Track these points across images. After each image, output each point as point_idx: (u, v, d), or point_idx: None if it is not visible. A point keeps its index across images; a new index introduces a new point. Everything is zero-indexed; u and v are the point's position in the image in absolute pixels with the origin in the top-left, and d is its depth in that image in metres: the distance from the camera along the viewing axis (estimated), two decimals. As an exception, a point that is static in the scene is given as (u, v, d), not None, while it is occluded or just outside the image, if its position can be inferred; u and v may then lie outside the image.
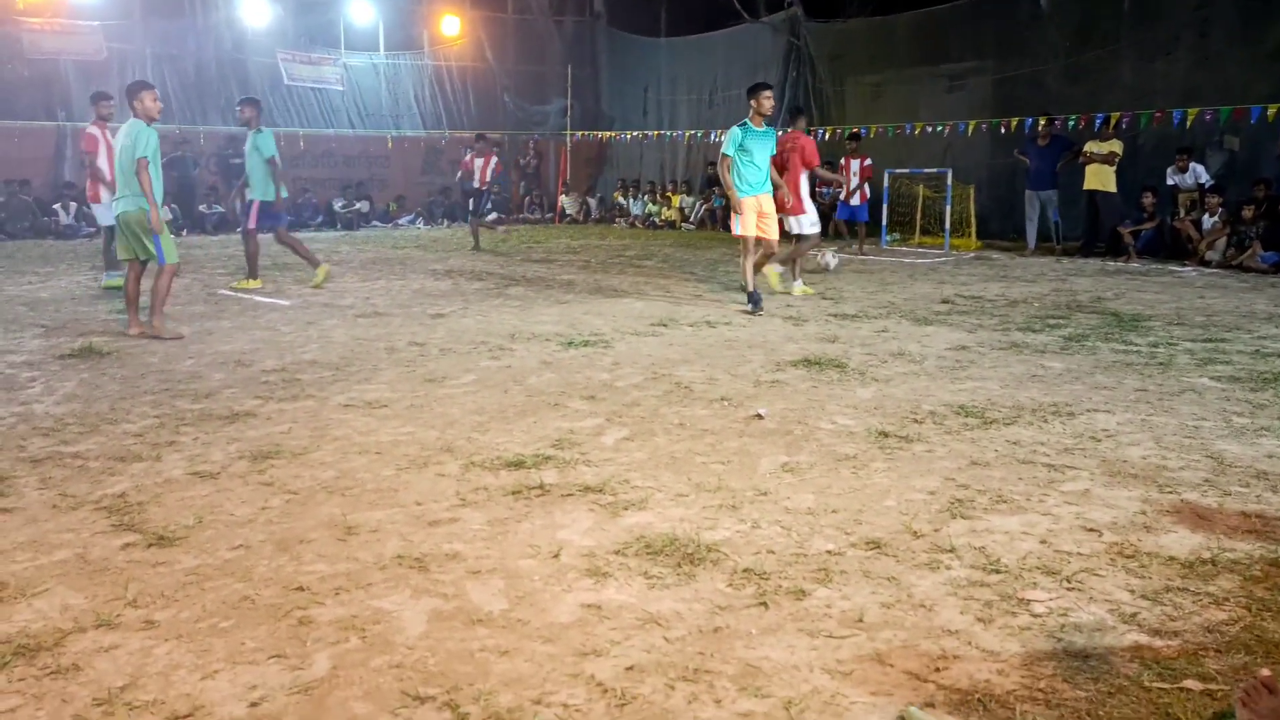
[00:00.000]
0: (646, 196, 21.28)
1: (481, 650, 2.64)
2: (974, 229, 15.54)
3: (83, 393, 5.56)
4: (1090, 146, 13.59)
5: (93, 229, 16.82)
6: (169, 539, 3.39)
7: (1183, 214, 13.15)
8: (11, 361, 6.43)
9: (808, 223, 9.98)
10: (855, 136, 15.91)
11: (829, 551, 3.30)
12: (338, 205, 19.88)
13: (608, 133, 23.77)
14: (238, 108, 10.34)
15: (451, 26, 22.23)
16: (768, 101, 8.57)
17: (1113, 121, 13.68)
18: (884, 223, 15.95)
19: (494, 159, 15.34)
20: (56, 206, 17.08)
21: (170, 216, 17.54)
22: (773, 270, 9.97)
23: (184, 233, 17.53)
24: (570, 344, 7.08)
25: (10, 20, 17.27)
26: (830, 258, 11.93)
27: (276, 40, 20.04)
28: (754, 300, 8.57)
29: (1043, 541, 3.38)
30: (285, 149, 19.58)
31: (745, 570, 3.13)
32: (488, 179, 15.10)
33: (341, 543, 3.38)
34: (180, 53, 19.17)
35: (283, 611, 2.85)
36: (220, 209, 18.60)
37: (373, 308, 8.90)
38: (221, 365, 6.35)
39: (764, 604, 2.90)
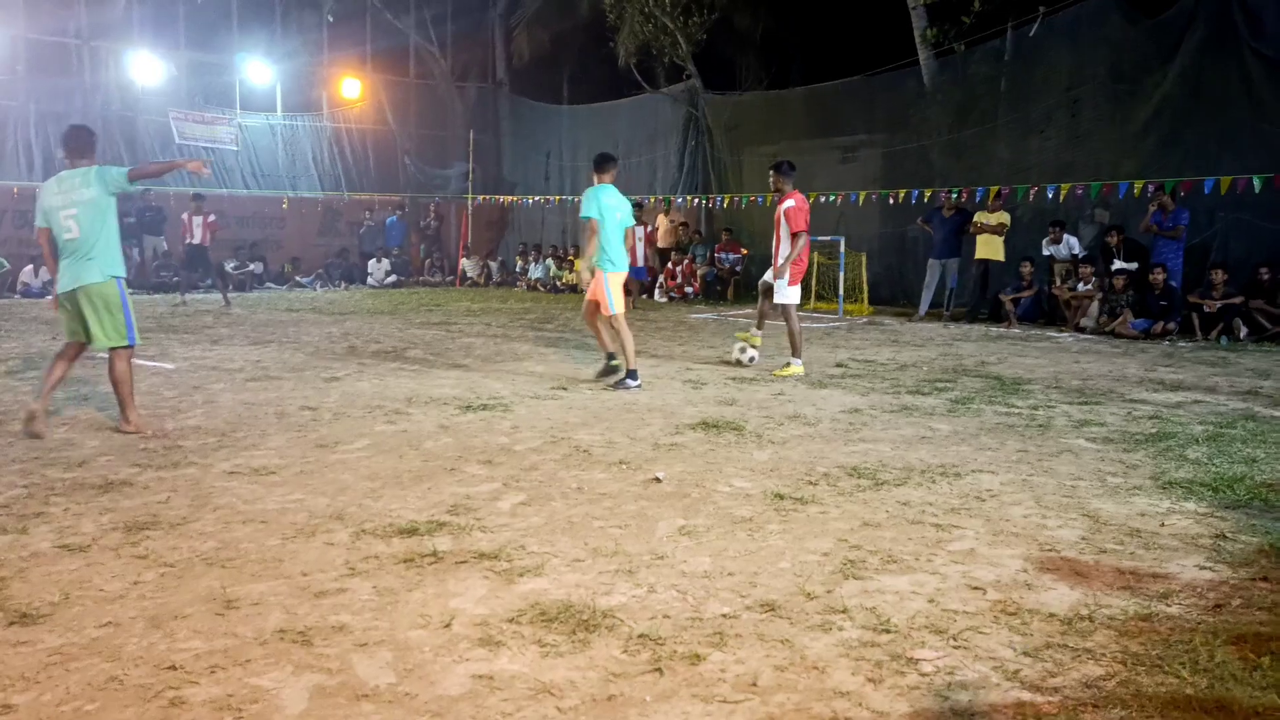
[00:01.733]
0: (549, 260, 21.36)
1: (366, 727, 2.54)
2: (866, 295, 16.05)
3: (-57, 462, 5.23)
4: (980, 217, 14.27)
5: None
6: (32, 616, 3.19)
7: (1059, 282, 13.84)
8: None
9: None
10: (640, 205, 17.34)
11: (724, 615, 3.30)
12: (229, 266, 19.37)
13: (509, 197, 23.88)
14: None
15: (352, 89, 22.16)
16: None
17: (992, 194, 14.39)
18: (781, 288, 16.32)
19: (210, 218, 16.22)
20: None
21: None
22: (754, 335, 9.63)
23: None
24: (469, 408, 7.00)
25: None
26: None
27: (169, 99, 19.65)
28: (633, 374, 8.02)
29: (931, 600, 3.45)
30: (174, 207, 19.13)
31: (640, 636, 3.11)
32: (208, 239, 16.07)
33: (220, 617, 3.23)
34: (67, 110, 18.57)
35: (152, 692, 2.70)
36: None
37: (263, 371, 8.66)
38: (97, 431, 6.07)
39: (659, 670, 2.88)
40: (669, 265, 18.84)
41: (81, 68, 19.13)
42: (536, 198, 22.88)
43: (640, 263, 16.39)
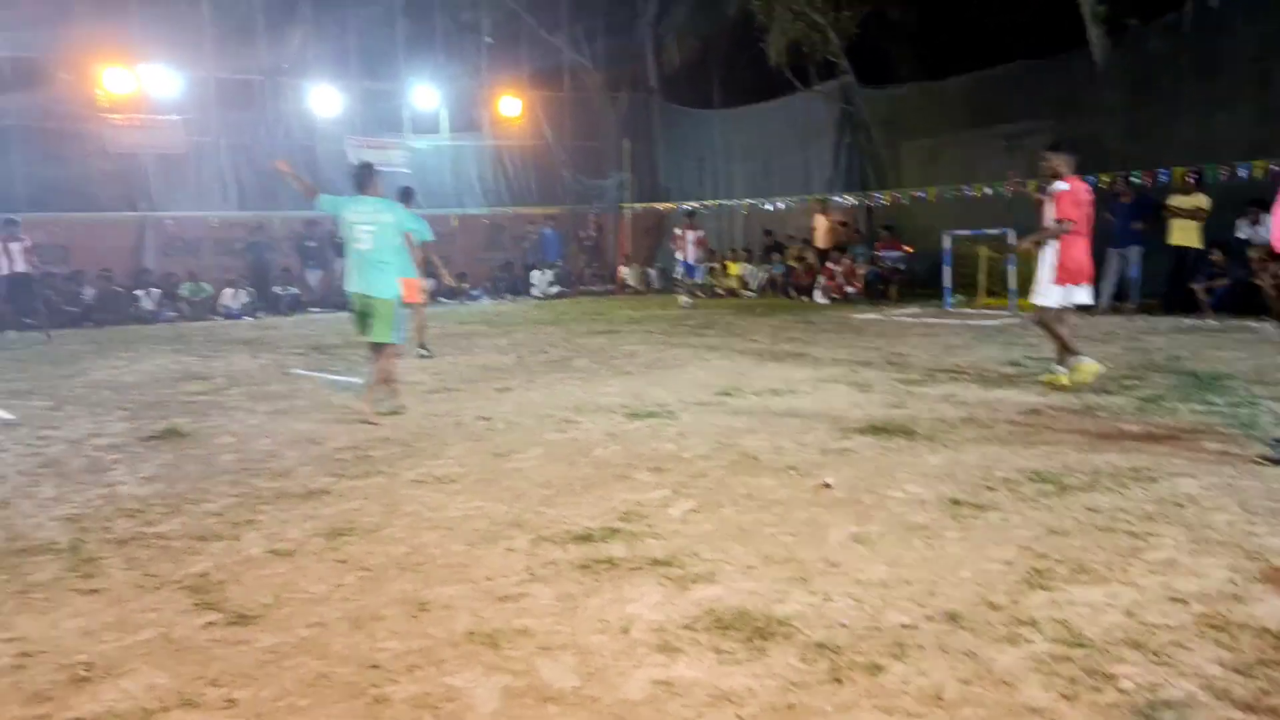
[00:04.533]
0: (705, 266, 21.43)
1: (555, 729, 2.63)
2: (1039, 289, 15.31)
3: (165, 474, 5.73)
4: (1174, 201, 13.40)
5: (173, 314, 17.52)
6: (248, 617, 3.46)
7: (1255, 268, 12.82)
8: (97, 444, 6.66)
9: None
10: (689, 214, 19.31)
11: (904, 625, 3.24)
12: (449, 279, 20.32)
13: (665, 204, 24.09)
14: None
15: (511, 107, 22.89)
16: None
17: (1178, 176, 13.47)
18: (947, 285, 15.84)
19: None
20: (138, 292, 17.78)
21: (247, 299, 18.31)
22: (1083, 365, 7.76)
23: (260, 314, 18.09)
24: (635, 415, 7.11)
25: (94, 117, 18.20)
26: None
27: (345, 127, 20.81)
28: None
29: (1128, 613, 3.28)
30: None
31: (818, 645, 3.09)
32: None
33: (414, 619, 3.41)
34: (253, 142, 20.00)
35: (358, 690, 2.88)
36: (295, 290, 19.18)
37: (441, 383, 9.06)
38: (296, 444, 6.50)
39: (838, 680, 2.85)
40: (828, 265, 18.57)
41: (265, 102, 20.53)
42: (693, 203, 23.00)
43: (691, 260, 18.27)
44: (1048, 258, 7.78)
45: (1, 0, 16.81)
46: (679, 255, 18.67)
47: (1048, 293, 7.86)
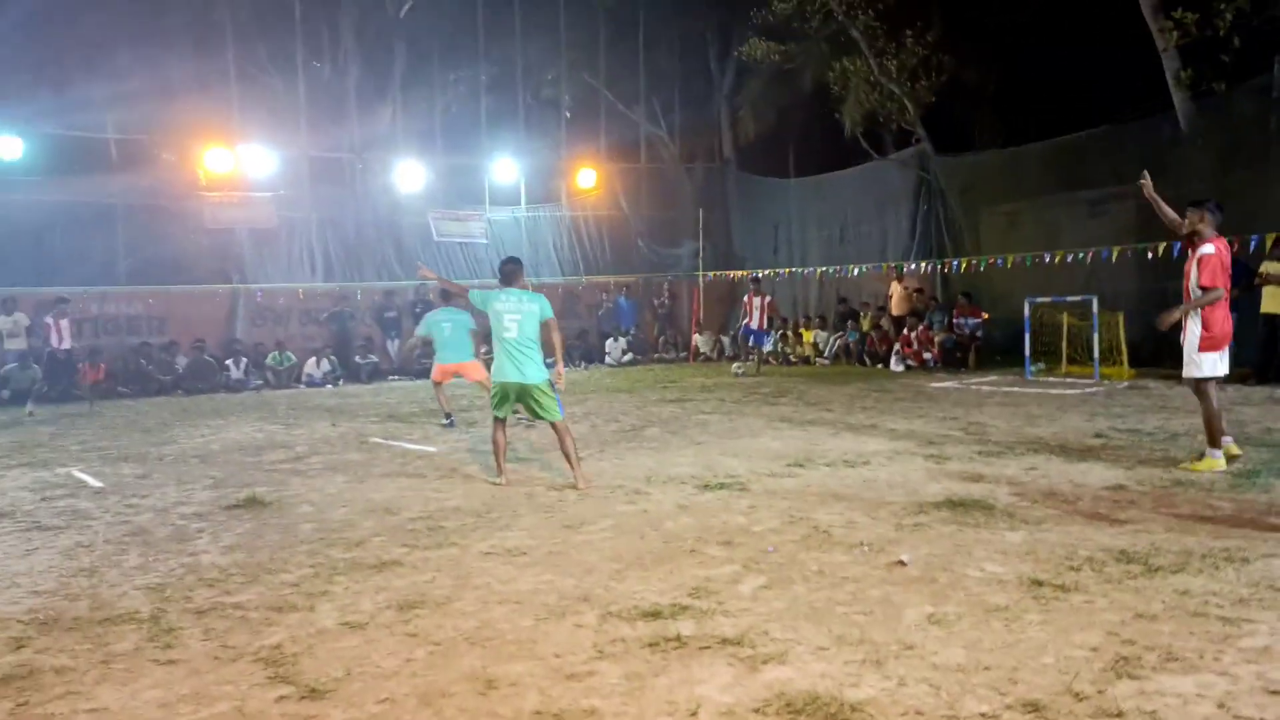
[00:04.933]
0: (778, 333, 21.40)
1: (619, 816, 2.58)
2: (1125, 357, 14.89)
3: (245, 543, 5.87)
4: (1267, 267, 12.98)
5: (259, 382, 18.09)
6: (320, 691, 3.50)
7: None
8: (183, 513, 6.86)
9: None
10: (756, 280, 19.21)
11: (982, 714, 3.12)
12: (482, 351, 20.69)
13: (739, 271, 24.18)
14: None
15: (588, 179, 23.38)
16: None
17: (1270, 241, 13.05)
18: (1027, 352, 15.50)
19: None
20: (228, 362, 18.42)
21: (329, 367, 18.84)
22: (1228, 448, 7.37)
23: (341, 382, 18.55)
24: (706, 486, 7.07)
25: (193, 195, 19.13)
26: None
27: (427, 201, 21.47)
28: None
29: (1220, 705, 3.11)
30: (436, 300, 20.80)
31: (892, 734, 2.99)
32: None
33: (482, 696, 3.41)
34: (342, 216, 20.76)
35: (425, 770, 2.88)
36: (374, 358, 19.66)
37: (513, 453, 9.13)
38: (371, 513, 6.61)
39: (913, 772, 2.75)
40: (905, 332, 18.36)
41: (354, 178, 21.34)
42: (767, 271, 23.05)
43: (757, 326, 18.20)
44: (1192, 326, 7.34)
45: (109, 86, 17.89)
46: (745, 321, 18.63)
47: (1199, 362, 7.33)
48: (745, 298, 18.77)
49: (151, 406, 15.16)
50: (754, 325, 18.16)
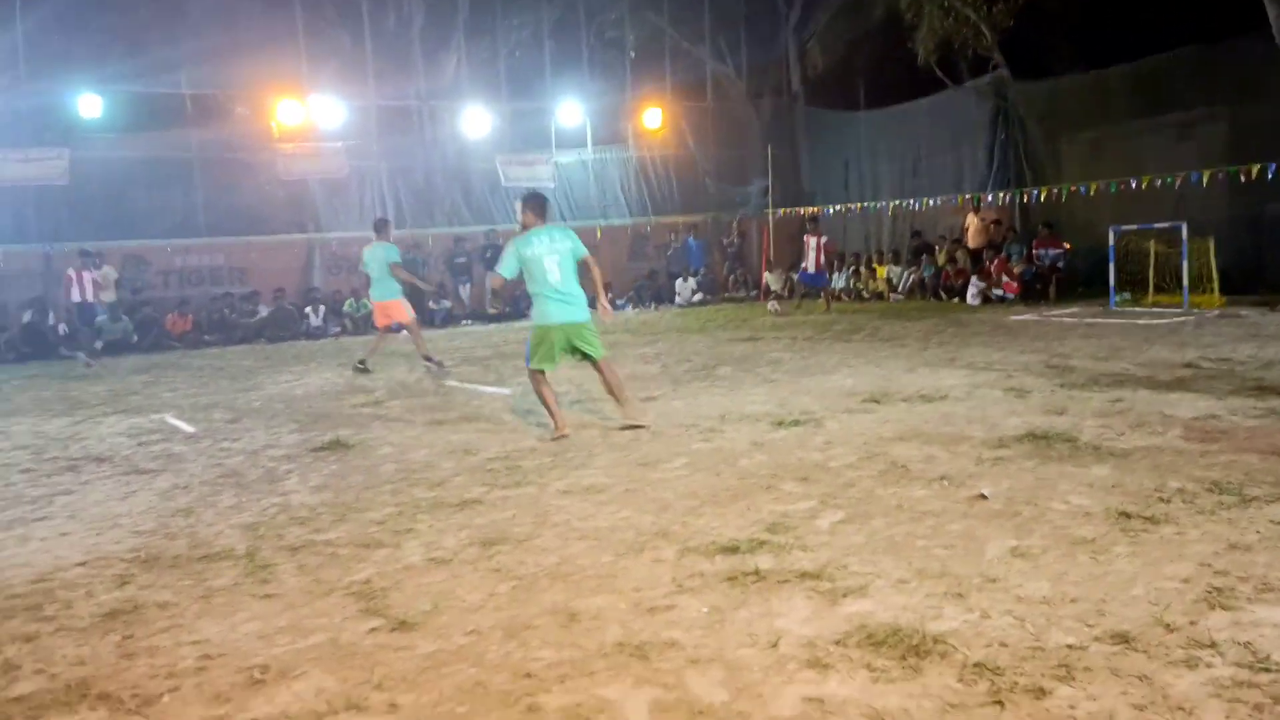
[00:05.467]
0: (851, 269, 21.06)
1: (704, 743, 2.63)
2: (1216, 285, 14.33)
3: (332, 483, 6.05)
4: None
5: (337, 329, 18.47)
6: (409, 624, 3.60)
7: None
8: (273, 455, 7.09)
9: None
10: (813, 220, 18.86)
11: (1070, 646, 3.08)
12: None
13: (810, 208, 23.79)
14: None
15: (654, 119, 23.10)
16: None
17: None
18: (1112, 283, 15.02)
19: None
20: (307, 310, 18.84)
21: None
22: None
23: (415, 328, 18.84)
24: (780, 424, 7.04)
25: (267, 148, 19.45)
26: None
27: (494, 146, 21.48)
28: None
29: (1322, 637, 3.02)
30: (505, 244, 20.94)
31: (977, 665, 2.97)
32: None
33: (565, 629, 3.48)
34: (411, 164, 20.91)
35: (513, 698, 2.96)
36: (447, 303, 19.92)
37: (586, 394, 9.20)
38: (451, 454, 6.74)
39: (999, 703, 2.74)
40: (983, 265, 17.91)
41: (421, 126, 21.43)
42: (838, 206, 22.63)
43: (812, 269, 17.90)
44: None
45: (183, 43, 18.19)
46: (804, 266, 18.28)
47: None
48: (804, 238, 18.41)
49: (236, 354, 15.62)
50: (810, 269, 17.88)
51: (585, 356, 7.33)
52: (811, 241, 17.73)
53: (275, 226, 19.65)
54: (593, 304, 7.49)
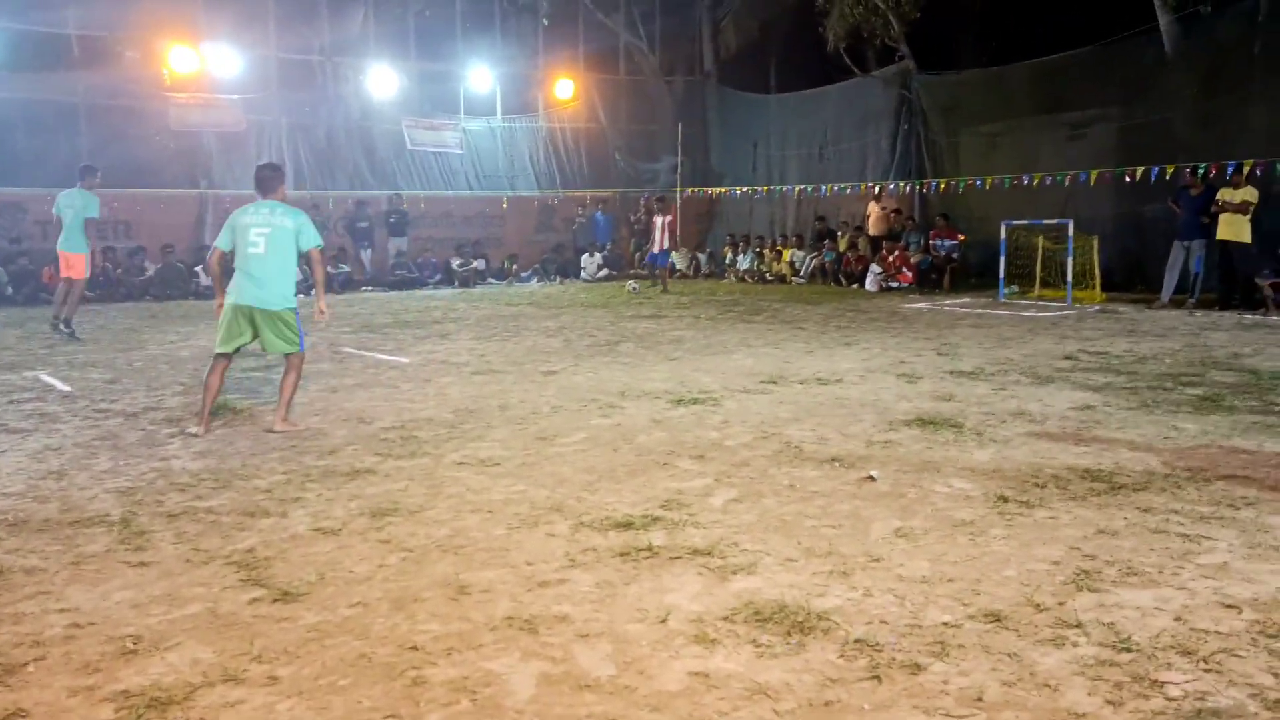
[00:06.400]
0: (755, 251, 21.31)
1: (589, 717, 2.64)
2: (1098, 281, 14.99)
3: (217, 449, 5.85)
4: (1223, 195, 13.02)
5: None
6: (292, 594, 3.52)
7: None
8: (153, 419, 6.82)
9: None
10: (660, 199, 19.39)
11: (945, 623, 3.19)
12: (455, 264, 20.53)
13: (718, 189, 23.95)
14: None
15: (565, 90, 22.87)
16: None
17: (1245, 169, 13.07)
18: (1001, 275, 15.56)
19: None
20: (198, 268, 18.11)
21: (300, 277, 18.56)
22: None
23: (312, 292, 18.29)
24: (680, 401, 7.10)
25: (158, 96, 18.54)
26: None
27: (401, 108, 20.95)
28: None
29: (1177, 618, 3.20)
30: (410, 210, 20.53)
31: (857, 641, 3.06)
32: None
33: (454, 602, 3.44)
34: (313, 122, 20.24)
35: (397, 671, 2.91)
36: (346, 268, 19.41)
37: (487, 365, 9.12)
38: (344, 422, 6.59)
39: (877, 678, 2.82)
40: (881, 253, 18.35)
41: (325, 82, 20.74)
42: (745, 188, 22.85)
43: (657, 249, 18.26)
44: None
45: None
46: (649, 248, 18.48)
47: None
48: (651, 219, 18.58)
49: (119, 312, 14.94)
50: (655, 249, 18.18)
51: (272, 349, 6.49)
52: (659, 221, 18.03)
53: (165, 180, 18.77)
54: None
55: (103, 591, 3.58)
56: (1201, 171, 13.69)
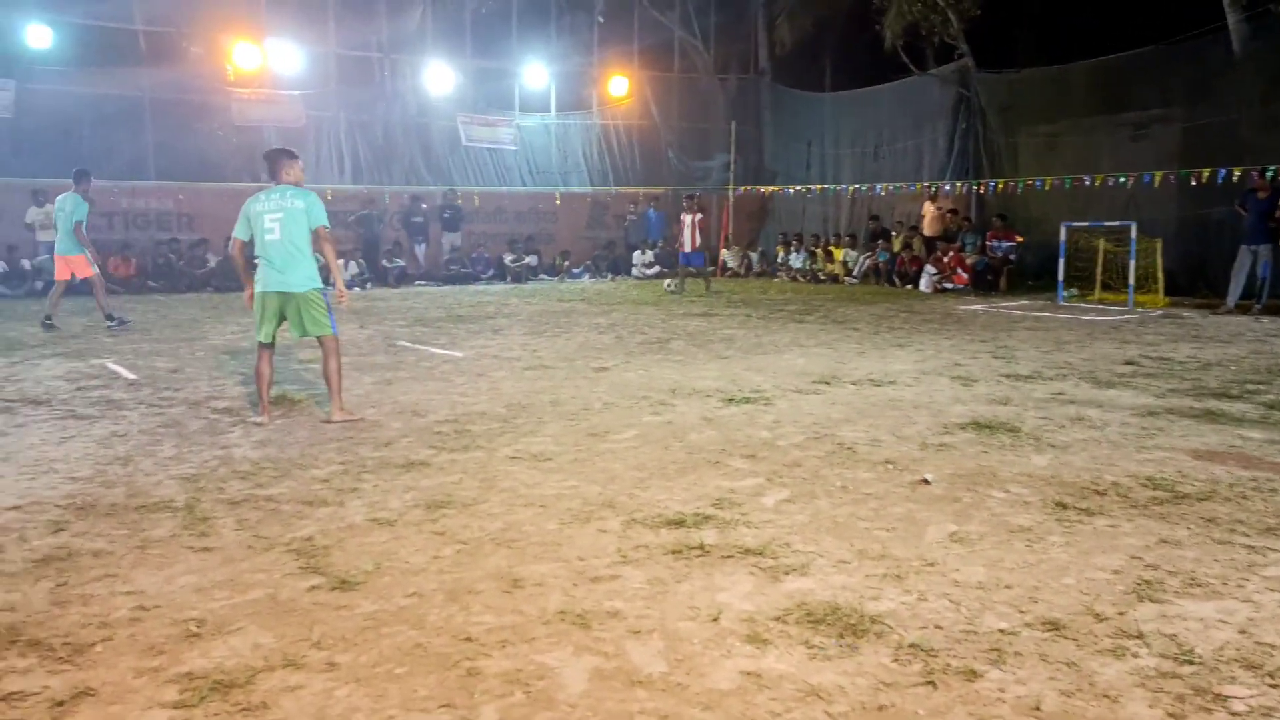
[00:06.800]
0: (808, 250, 21.17)
1: (641, 713, 2.65)
2: (1161, 285, 14.66)
3: (276, 438, 5.96)
4: None
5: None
6: (350, 583, 3.58)
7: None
8: (215, 408, 6.97)
9: None
10: (691, 197, 18.12)
11: (1002, 630, 3.15)
12: (508, 259, 20.68)
13: (770, 187, 23.84)
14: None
15: (620, 87, 22.93)
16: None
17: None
18: (1060, 278, 15.29)
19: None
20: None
21: (357, 270, 18.84)
22: None
23: (369, 285, 18.57)
24: (731, 400, 7.08)
25: (221, 91, 18.94)
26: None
27: (456, 105, 21.17)
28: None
29: (1242, 631, 3.12)
30: (464, 205, 20.72)
31: (911, 645, 3.03)
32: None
33: (508, 595, 3.48)
34: (370, 118, 20.53)
35: (452, 661, 2.95)
36: (401, 262, 19.66)
37: (539, 360, 9.18)
38: (399, 415, 6.68)
39: (931, 683, 2.80)
40: (936, 254, 18.12)
41: (383, 79, 21.03)
42: (798, 187, 22.71)
43: (688, 248, 17.28)
44: None
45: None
46: (678, 247, 17.79)
47: None
48: (680, 217, 17.70)
49: (182, 303, 15.29)
50: (685, 249, 17.34)
51: (306, 333, 6.51)
52: (688, 220, 17.27)
53: (227, 173, 19.16)
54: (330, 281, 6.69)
55: (167, 575, 3.67)
56: (1270, 174, 13.33)
